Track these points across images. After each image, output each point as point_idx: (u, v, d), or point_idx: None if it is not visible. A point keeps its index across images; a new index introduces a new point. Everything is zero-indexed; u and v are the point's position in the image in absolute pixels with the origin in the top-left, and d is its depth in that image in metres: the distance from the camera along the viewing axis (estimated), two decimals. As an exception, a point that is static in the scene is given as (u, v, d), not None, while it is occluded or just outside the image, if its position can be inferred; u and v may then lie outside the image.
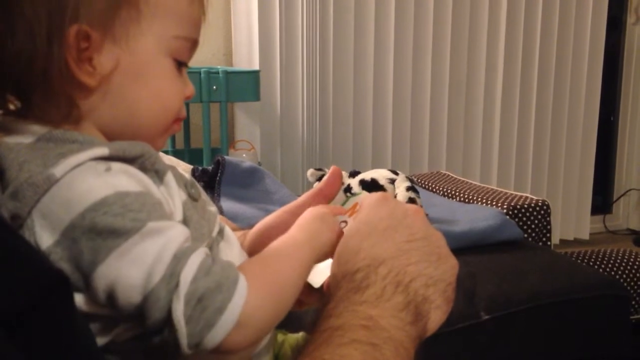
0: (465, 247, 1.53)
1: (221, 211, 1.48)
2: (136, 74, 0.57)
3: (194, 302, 0.49)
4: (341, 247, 0.62)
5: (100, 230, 0.49)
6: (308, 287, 0.67)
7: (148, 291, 0.49)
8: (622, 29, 3.54)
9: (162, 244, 0.49)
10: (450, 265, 0.63)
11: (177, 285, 0.49)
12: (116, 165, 0.53)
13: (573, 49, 3.19)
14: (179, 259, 0.49)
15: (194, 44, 0.61)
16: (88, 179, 0.50)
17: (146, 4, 0.56)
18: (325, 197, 0.73)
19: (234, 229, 0.72)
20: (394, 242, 0.61)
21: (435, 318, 0.60)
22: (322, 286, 0.67)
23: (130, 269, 0.49)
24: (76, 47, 0.53)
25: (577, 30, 3.18)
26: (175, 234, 0.51)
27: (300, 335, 0.81)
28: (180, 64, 0.60)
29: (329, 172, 0.74)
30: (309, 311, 1.24)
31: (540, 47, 3.12)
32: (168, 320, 0.49)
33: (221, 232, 0.65)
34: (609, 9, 3.23)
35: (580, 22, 3.18)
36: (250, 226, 0.76)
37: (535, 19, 3.08)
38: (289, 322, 0.80)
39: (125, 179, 0.52)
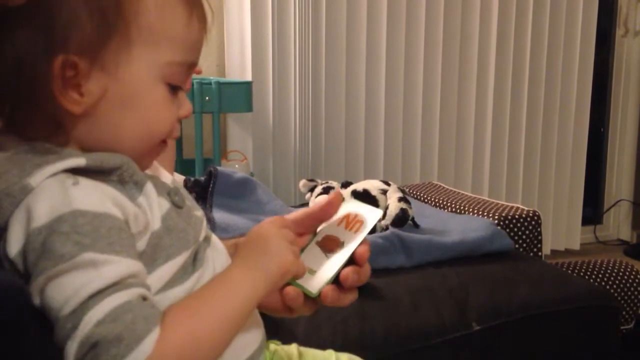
0: (456, 258, 1.54)
1: (213, 222, 1.48)
2: (124, 101, 0.56)
3: (86, 348, 0.47)
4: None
5: (43, 249, 0.49)
6: (303, 295, 0.68)
7: (57, 318, 0.48)
8: (612, 41, 3.57)
9: (88, 278, 0.49)
10: None
11: (78, 324, 0.47)
12: (85, 181, 0.53)
13: (563, 61, 3.22)
14: (95, 297, 0.48)
15: (190, 66, 0.60)
16: (52, 193, 0.51)
17: (138, 31, 0.55)
18: (317, 220, 0.73)
19: (223, 239, 0.72)
20: None
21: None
22: (319, 294, 0.67)
23: (52, 292, 0.49)
24: (61, 77, 0.53)
25: (567, 42, 3.21)
26: (109, 271, 0.49)
27: (292, 347, 0.81)
28: (176, 87, 0.60)
29: (329, 197, 0.74)
30: (300, 322, 1.24)
31: (531, 59, 3.14)
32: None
33: (207, 238, 0.65)
34: (598, 21, 3.26)
35: (570, 35, 3.21)
36: (242, 234, 0.77)
37: (525, 32, 3.10)
38: (280, 333, 0.80)
39: (90, 196, 0.52)
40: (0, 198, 0.51)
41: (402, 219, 1.59)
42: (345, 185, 1.80)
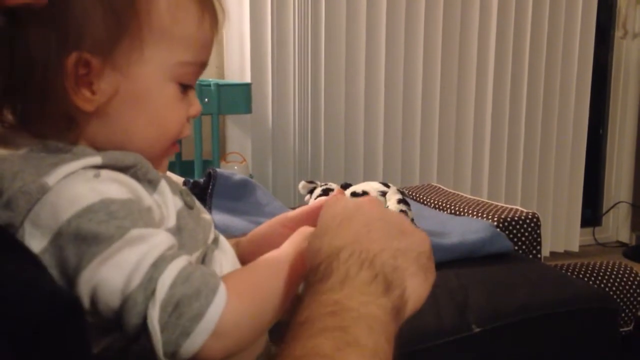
0: (455, 260, 1.54)
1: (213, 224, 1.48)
2: (135, 100, 0.56)
3: (170, 309, 0.48)
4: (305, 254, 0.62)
5: (85, 236, 0.49)
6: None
7: (126, 296, 0.49)
8: (611, 42, 3.58)
9: (144, 251, 0.50)
10: (417, 237, 0.61)
11: (154, 291, 0.48)
12: (105, 172, 0.53)
13: (562, 63, 3.22)
14: (158, 265, 0.49)
15: (201, 66, 0.60)
16: (76, 186, 0.51)
17: (150, 31, 0.55)
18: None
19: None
20: (350, 230, 0.60)
21: (414, 286, 0.57)
22: None
23: (111, 274, 0.49)
24: (74, 74, 0.53)
25: (566, 43, 3.21)
26: (158, 241, 0.51)
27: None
28: (186, 87, 0.60)
29: (333, 194, 0.74)
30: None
31: (530, 59, 3.14)
32: (145, 326, 0.49)
33: (216, 240, 0.65)
34: (597, 22, 3.26)
35: (569, 36, 3.21)
36: (242, 235, 0.77)
37: (524, 32, 3.11)
38: (283, 335, 0.79)
39: (113, 186, 0.52)
40: (16, 197, 0.51)
41: (401, 221, 1.59)
42: (344, 187, 1.80)
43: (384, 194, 1.70)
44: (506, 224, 1.85)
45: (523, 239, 1.86)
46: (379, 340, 0.51)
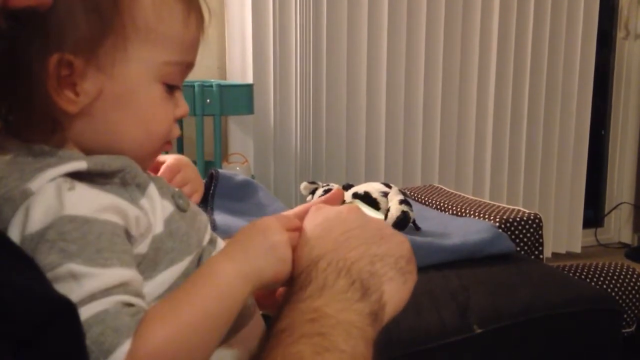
0: (457, 261, 1.54)
1: (214, 224, 1.48)
2: (120, 100, 0.55)
3: None
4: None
5: (33, 255, 0.49)
6: None
7: None
8: (613, 43, 3.58)
9: (64, 292, 0.47)
10: (396, 242, 0.63)
11: None
12: (81, 187, 0.52)
13: (564, 64, 3.22)
14: None
15: (188, 66, 0.60)
16: (47, 198, 0.50)
17: (135, 30, 0.54)
18: None
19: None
20: (329, 239, 0.61)
21: (392, 290, 0.59)
22: None
23: None
24: (56, 76, 0.52)
25: (568, 45, 3.21)
26: (87, 284, 0.47)
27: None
28: (172, 87, 0.59)
29: (331, 192, 0.75)
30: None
31: (532, 61, 3.14)
32: None
33: (213, 242, 0.64)
34: (599, 23, 3.26)
35: (570, 37, 3.21)
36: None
37: (526, 33, 3.11)
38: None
39: (82, 202, 0.51)
40: (0, 203, 0.51)
41: (403, 222, 1.59)
42: (346, 187, 1.80)
43: (385, 194, 1.70)
44: (508, 224, 1.84)
45: (525, 239, 1.86)
46: (357, 344, 0.52)
